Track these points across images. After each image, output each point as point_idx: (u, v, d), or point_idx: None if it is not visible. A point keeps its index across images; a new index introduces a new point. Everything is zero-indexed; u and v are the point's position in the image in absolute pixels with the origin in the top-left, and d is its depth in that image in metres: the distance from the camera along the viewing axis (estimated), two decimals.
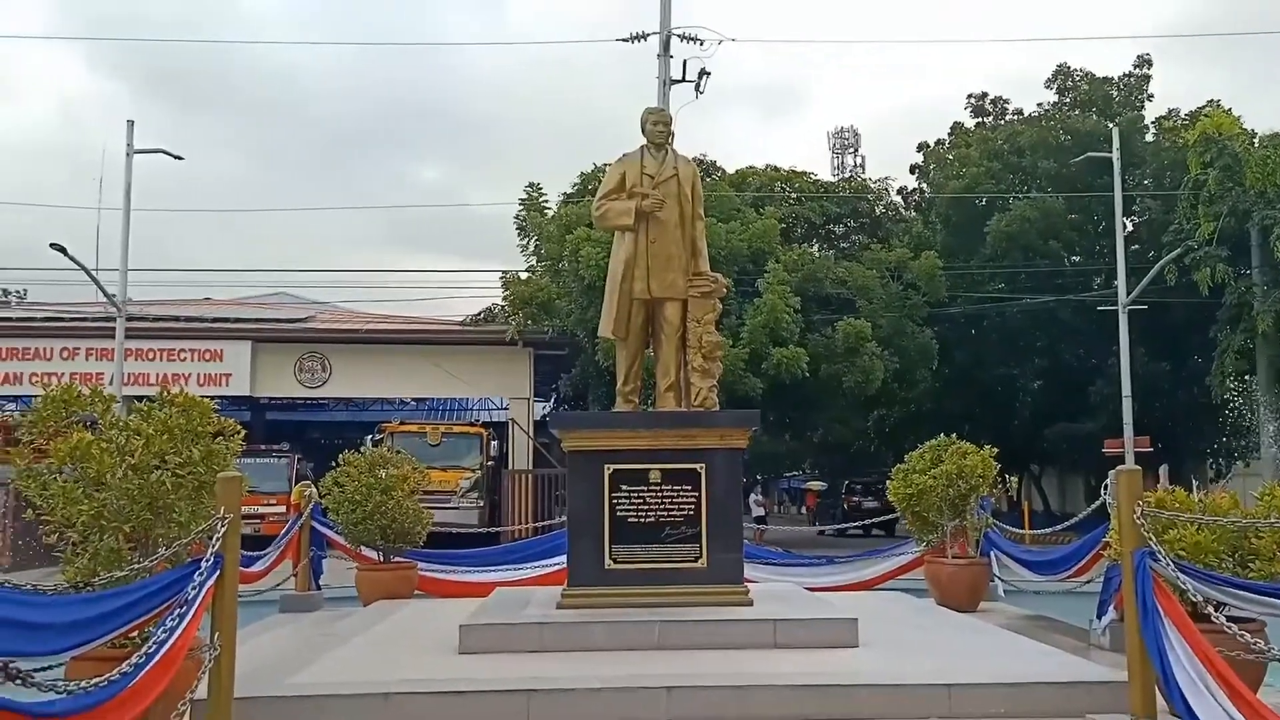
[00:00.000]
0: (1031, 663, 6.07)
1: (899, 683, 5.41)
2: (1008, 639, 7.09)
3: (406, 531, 9.91)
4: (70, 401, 5.36)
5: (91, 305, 26.47)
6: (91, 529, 5.09)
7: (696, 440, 7.18)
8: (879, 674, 5.58)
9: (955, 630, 7.41)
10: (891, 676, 5.52)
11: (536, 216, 24.45)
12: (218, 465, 5.39)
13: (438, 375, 25.11)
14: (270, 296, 33.99)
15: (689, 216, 7.80)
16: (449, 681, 5.55)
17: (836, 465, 39.45)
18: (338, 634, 7.64)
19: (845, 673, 5.57)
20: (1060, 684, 5.43)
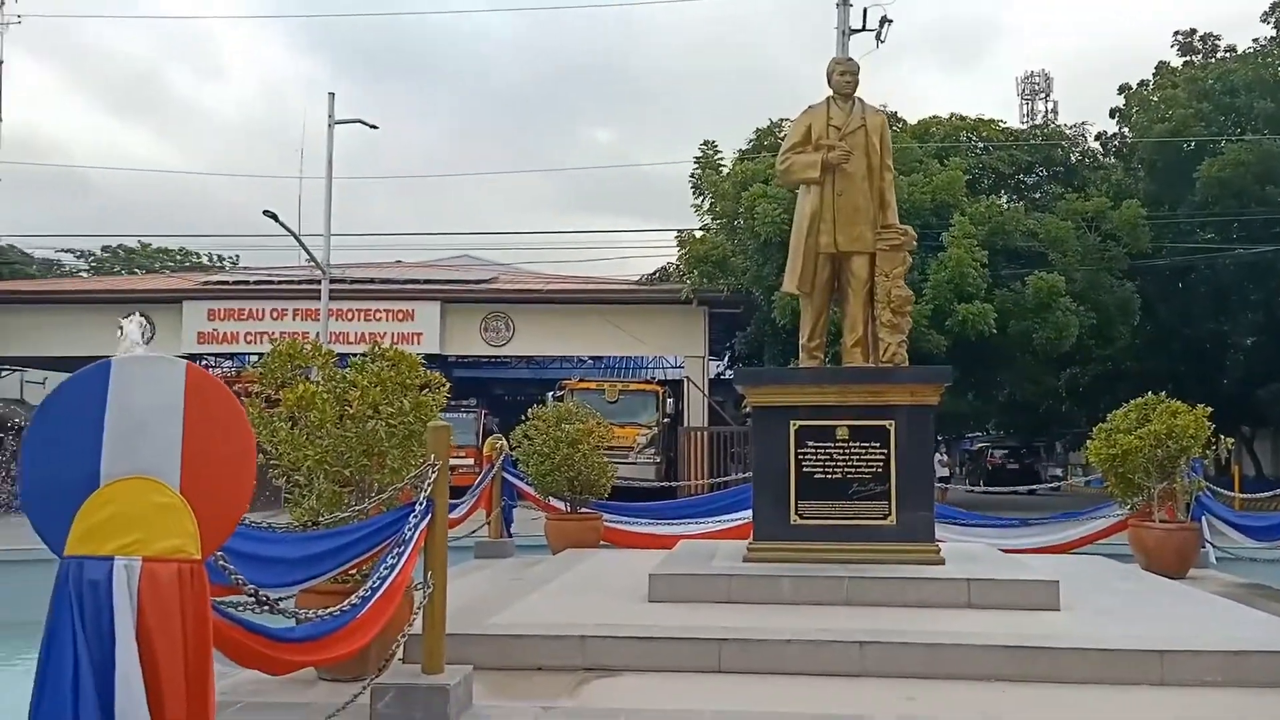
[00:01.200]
0: (1251, 630, 5.72)
1: (1106, 647, 5.19)
2: (1223, 605, 6.70)
3: (592, 483, 10.21)
4: (295, 356, 5.77)
5: (297, 269, 28.25)
6: (315, 473, 5.50)
7: (886, 396, 7.05)
8: (1084, 637, 5.38)
9: (1164, 595, 7.05)
10: (1097, 640, 5.31)
11: (711, 174, 24.34)
12: (425, 415, 5.69)
13: (614, 334, 25.54)
14: (456, 259, 35.37)
15: (877, 168, 7.61)
16: (641, 627, 5.71)
17: (1023, 425, 37.90)
18: (530, 579, 7.97)
19: (1047, 635, 5.40)
20: None
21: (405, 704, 4.51)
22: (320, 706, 4.36)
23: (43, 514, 2.76)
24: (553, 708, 4.76)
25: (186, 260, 46.78)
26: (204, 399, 2.84)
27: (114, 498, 2.73)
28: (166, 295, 26.87)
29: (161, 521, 2.74)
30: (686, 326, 25.34)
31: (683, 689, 5.04)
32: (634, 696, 4.89)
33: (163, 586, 2.70)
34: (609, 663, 5.38)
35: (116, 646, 2.63)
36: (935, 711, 4.58)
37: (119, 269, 45.34)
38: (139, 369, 2.86)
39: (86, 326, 25.72)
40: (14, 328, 26.15)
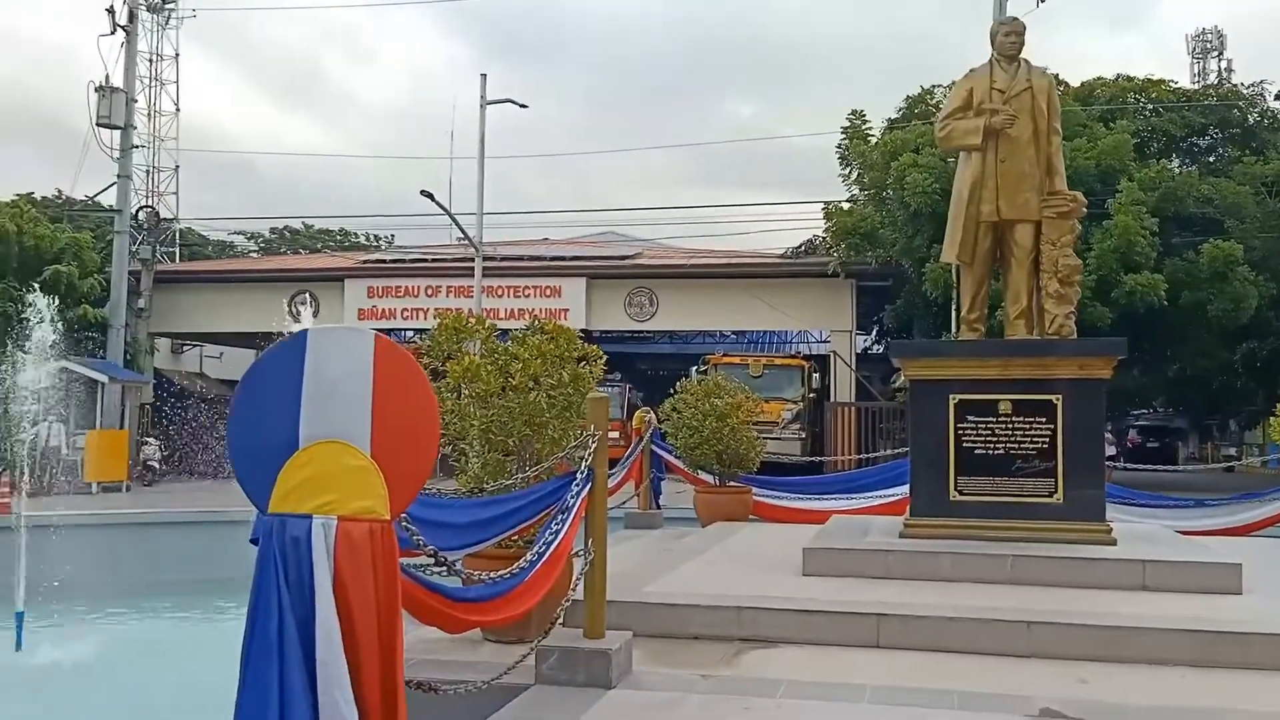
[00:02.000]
0: None
1: None
2: None
3: (741, 457, 10.21)
4: (460, 329, 5.98)
5: (449, 247, 29.16)
6: (480, 442, 5.69)
7: (1052, 370, 6.79)
8: (1272, 621, 5.07)
9: None
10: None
11: (859, 144, 23.79)
12: (583, 387, 5.82)
13: (758, 308, 25.36)
14: (601, 235, 35.77)
15: (1044, 132, 7.31)
16: (797, 600, 5.70)
17: (1193, 402, 35.80)
18: (682, 551, 8.05)
19: (1233, 620, 5.12)
20: None
21: (568, 666, 4.64)
22: (488, 665, 4.52)
23: (248, 474, 2.95)
24: (711, 676, 4.81)
25: (346, 240, 48.90)
26: (392, 367, 2.98)
27: (311, 460, 2.90)
28: (329, 274, 28.17)
29: (354, 483, 2.89)
30: (833, 300, 24.96)
31: (841, 662, 5.01)
32: (792, 668, 4.90)
33: (356, 544, 2.86)
34: (765, 634, 5.40)
35: (316, 599, 2.80)
36: (1111, 695, 4.41)
37: (285, 249, 47.74)
38: (332, 339, 3.01)
39: (257, 303, 27.26)
40: (192, 305, 27.93)
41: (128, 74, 25.11)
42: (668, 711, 4.29)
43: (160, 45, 28.36)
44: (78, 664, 8.42)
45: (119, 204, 25.07)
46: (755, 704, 4.34)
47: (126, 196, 25.30)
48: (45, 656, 8.50)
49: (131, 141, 25.41)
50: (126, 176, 25.24)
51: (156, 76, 28.28)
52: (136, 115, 26.01)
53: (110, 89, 24.17)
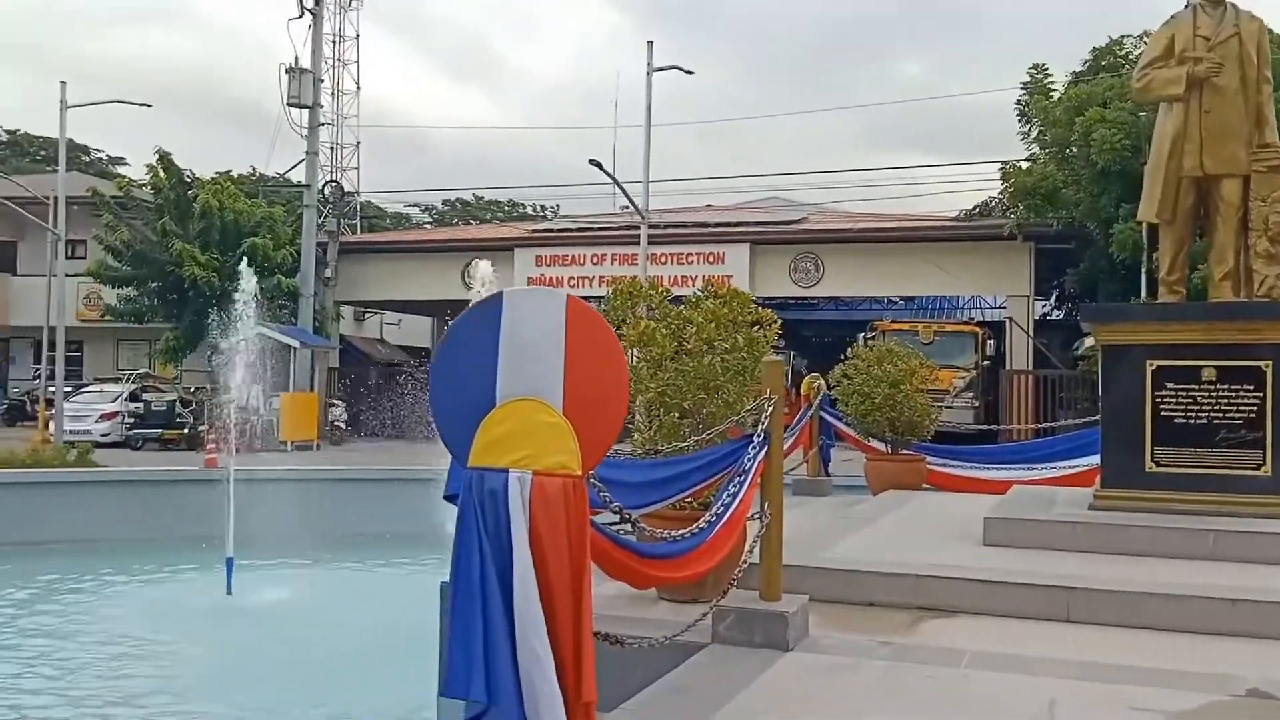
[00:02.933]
0: None
1: None
2: None
3: (914, 424, 9.98)
4: (635, 294, 6.06)
5: (613, 215, 29.53)
6: (655, 405, 5.78)
7: (1262, 334, 6.33)
8: None
9: None
10: None
11: (1041, 100, 22.64)
12: (757, 351, 5.81)
13: (929, 273, 24.61)
14: (764, 201, 35.44)
15: (1253, 81, 6.78)
16: (979, 570, 5.55)
17: None
18: (854, 518, 7.96)
19: None
20: None
21: (745, 627, 4.68)
22: (665, 623, 4.60)
23: (449, 429, 3.10)
24: (890, 642, 4.76)
25: (514, 211, 50.26)
26: (583, 328, 3.06)
27: (508, 416, 3.01)
28: (499, 243, 29.04)
29: (548, 439, 2.99)
30: (1010, 264, 23.96)
31: (1027, 635, 4.86)
32: (975, 638, 4.78)
33: (550, 497, 2.96)
34: (946, 604, 5.29)
35: (513, 549, 2.93)
36: None
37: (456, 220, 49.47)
38: (526, 300, 3.12)
39: (432, 272, 28.41)
40: (372, 275, 29.33)
41: (314, 55, 26.44)
42: (849, 675, 4.27)
43: (342, 27, 29.75)
44: (281, 606, 9.09)
45: (308, 179, 26.51)
46: (939, 672, 4.27)
47: (314, 172, 26.73)
48: (252, 599, 9.20)
49: (318, 120, 26.77)
50: (314, 153, 26.65)
51: (339, 57, 29.69)
52: (321, 95, 27.38)
53: (299, 70, 25.51)
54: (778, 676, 4.23)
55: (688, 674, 4.27)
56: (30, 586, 9.62)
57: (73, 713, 6.16)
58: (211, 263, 24.70)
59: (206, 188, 26.24)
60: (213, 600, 9.17)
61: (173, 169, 25.91)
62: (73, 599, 9.27)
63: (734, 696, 3.95)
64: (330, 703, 6.32)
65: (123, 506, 11.98)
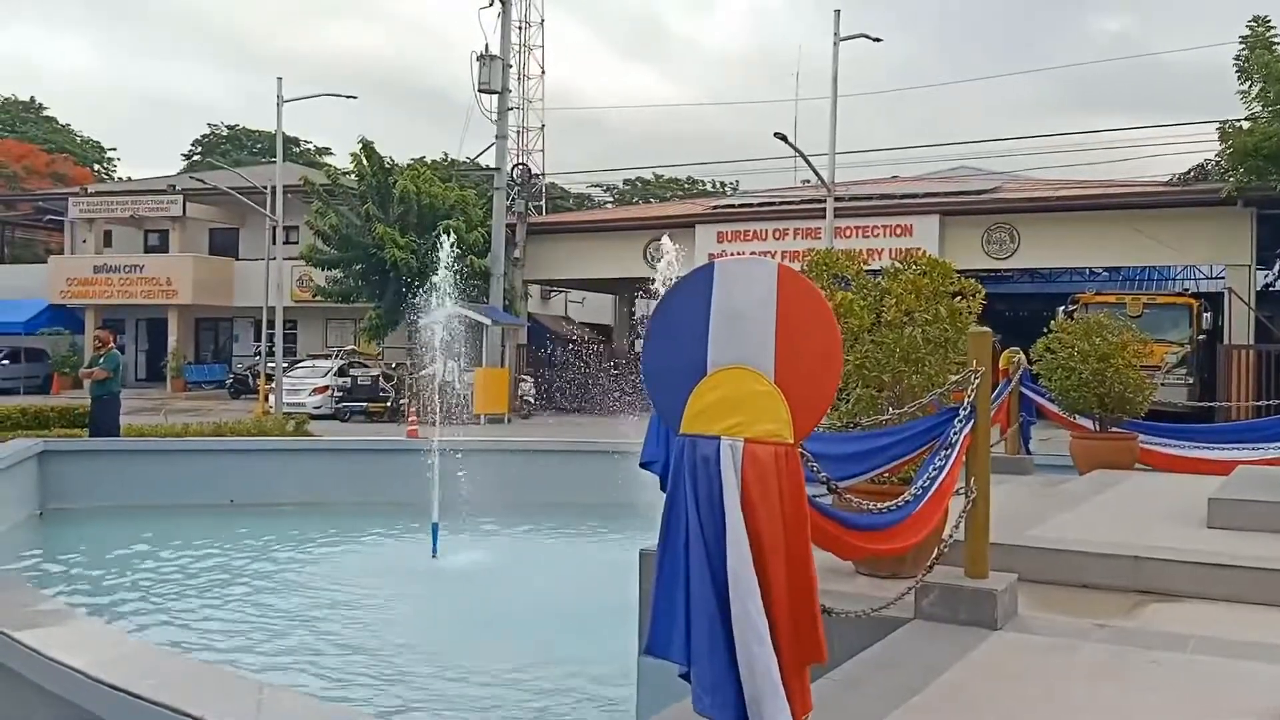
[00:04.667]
0: None
1: None
2: None
3: (1126, 400, 9.43)
4: (830, 264, 5.99)
5: (794, 189, 29.18)
6: (853, 378, 5.70)
7: None
8: None
9: None
10: None
11: (1263, 54, 20.82)
12: (961, 323, 5.63)
13: (1136, 241, 23.11)
14: (953, 170, 34.17)
15: None
16: (1204, 553, 5.22)
17: None
18: (1061, 497, 7.63)
19: None
20: None
21: (950, 603, 4.57)
22: (866, 598, 4.56)
23: (661, 396, 3.17)
24: (1107, 625, 4.55)
25: (694, 188, 50.44)
26: (795, 297, 3.05)
27: (720, 384, 3.05)
28: (680, 220, 29.21)
29: (760, 407, 3.01)
30: (1228, 231, 22.24)
31: (1257, 622, 4.55)
32: (1200, 624, 4.51)
33: (763, 465, 2.98)
34: (1168, 587, 5.01)
35: (726, 516, 2.97)
36: None
37: (636, 199, 50.09)
38: (737, 269, 3.14)
39: (615, 251, 28.91)
40: (556, 254, 30.12)
41: (504, 42, 27.28)
42: (1061, 656, 4.12)
43: (527, 12, 30.55)
44: (483, 568, 9.53)
45: (497, 163, 27.45)
46: (1162, 657, 4.05)
47: (504, 156, 27.65)
48: (457, 562, 9.69)
49: (507, 104, 27.64)
50: (504, 137, 27.56)
51: (525, 43, 30.53)
52: (509, 80, 28.25)
53: (489, 57, 26.39)
54: (988, 654, 4.12)
55: (893, 647, 4.23)
56: (257, 542, 10.46)
57: (289, 660, 6.67)
58: (410, 245, 25.97)
59: (405, 174, 27.58)
60: (421, 562, 9.70)
61: (374, 157, 27.36)
62: (291, 556, 10.02)
63: (942, 672, 3.88)
64: (531, 655, 6.60)
65: (337, 474, 12.83)
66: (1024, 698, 3.68)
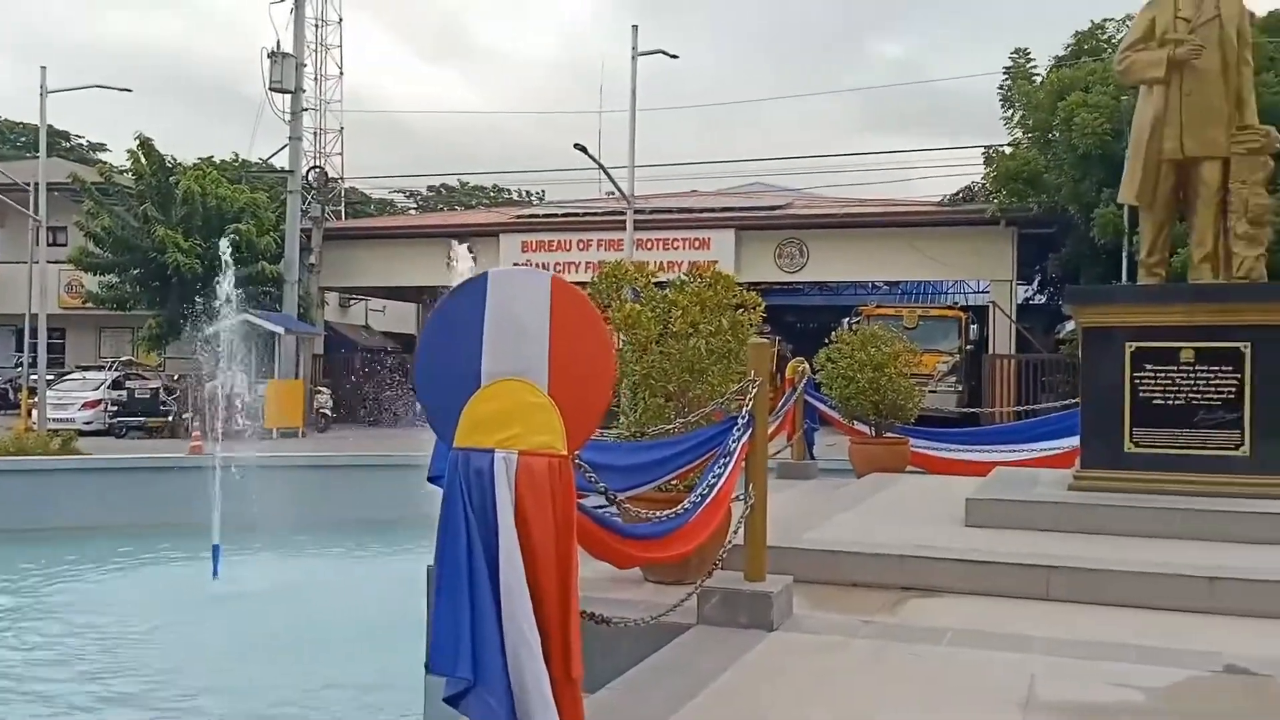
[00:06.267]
0: None
1: None
2: None
3: (899, 408, 10.04)
4: (620, 277, 6.08)
5: (598, 201, 29.49)
6: (640, 388, 5.80)
7: (1240, 316, 6.39)
8: None
9: None
10: None
11: (1023, 84, 22.70)
12: (743, 334, 5.84)
13: (914, 258, 24.67)
14: (750, 186, 35.45)
15: (1233, 63, 6.83)
16: (962, 550, 5.61)
17: None
18: (839, 500, 8.02)
19: None
20: None
21: (730, 607, 4.72)
22: (650, 604, 4.63)
23: (435, 409, 3.12)
24: (873, 621, 4.81)
25: (500, 196, 50.07)
26: (568, 308, 3.07)
27: (495, 396, 3.03)
28: (485, 229, 28.94)
29: (535, 419, 3.01)
30: (993, 249, 24.06)
31: (1009, 613, 4.92)
32: (958, 617, 4.84)
33: (537, 477, 2.97)
34: (929, 583, 5.35)
35: (499, 528, 2.95)
36: None
37: (441, 206, 49.27)
38: (511, 280, 3.13)
39: (418, 258, 28.30)
40: (356, 261, 29.21)
41: (297, 39, 26.25)
42: (833, 653, 4.32)
43: (324, 11, 29.53)
44: (267, 591, 9.10)
45: (291, 165, 26.35)
46: (922, 650, 4.32)
47: (298, 158, 26.57)
48: (239, 584, 9.22)
49: (301, 105, 26.60)
50: (297, 139, 26.48)
51: (322, 41, 29.49)
52: (304, 80, 27.20)
53: (282, 55, 25.32)
54: (763, 655, 4.27)
55: (673, 654, 4.31)
56: (18, 573, 9.60)
57: (67, 689, 6.18)
58: (194, 249, 24.55)
59: (189, 174, 26.05)
60: (200, 586, 9.17)
61: (154, 154, 25.71)
62: (60, 585, 9.27)
63: (719, 675, 4.00)
64: (312, 682, 6.35)
65: (109, 494, 11.97)
66: (794, 695, 3.83)
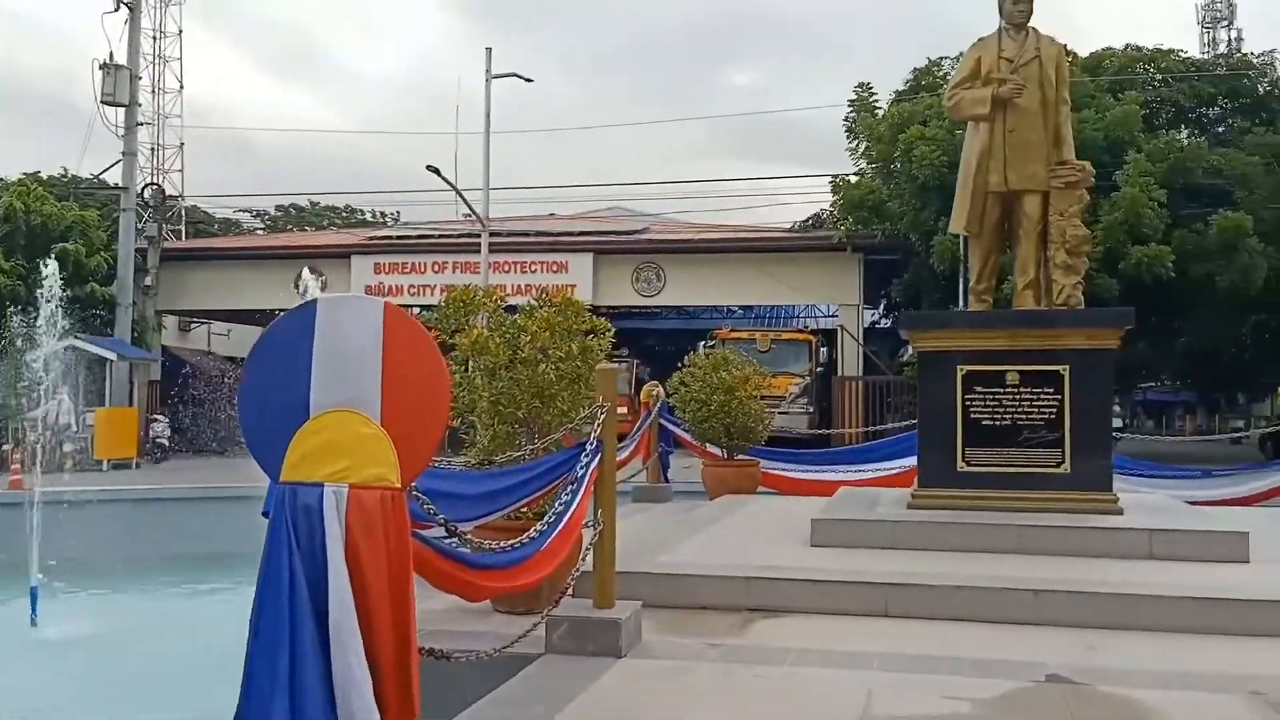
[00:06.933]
0: None
1: None
2: None
3: (749, 430, 10.23)
4: (468, 302, 5.99)
5: (455, 223, 29.12)
6: (489, 414, 5.72)
7: (1060, 340, 6.79)
8: (1277, 589, 5.09)
9: None
10: None
11: (867, 117, 23.67)
12: (592, 359, 5.83)
13: (767, 282, 25.30)
14: (608, 210, 35.69)
15: (1053, 101, 7.28)
16: (806, 570, 5.73)
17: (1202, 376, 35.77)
18: (691, 523, 8.08)
19: (1237, 587, 5.14)
20: None
21: (579, 635, 4.68)
22: (498, 635, 4.55)
23: (260, 443, 2.97)
24: (720, 645, 4.85)
25: (352, 217, 48.84)
26: (401, 336, 2.99)
27: (324, 428, 2.92)
28: (336, 250, 28.16)
29: (366, 451, 2.91)
30: (841, 274, 24.89)
31: (849, 631, 5.05)
32: (801, 637, 4.93)
33: (368, 511, 2.88)
34: (774, 604, 5.43)
35: (329, 565, 2.83)
36: (1116, 661, 4.44)
37: (290, 226, 47.72)
38: (342, 308, 3.03)
39: (264, 281, 27.25)
40: (199, 283, 27.93)
41: (131, 51, 25.03)
42: (677, 679, 4.33)
43: (163, 22, 28.29)
44: (90, 637, 8.51)
45: (124, 182, 25.06)
46: (765, 671, 4.38)
47: (132, 174, 25.29)
48: (59, 629, 8.60)
49: (136, 119, 25.36)
50: (132, 154, 25.22)
51: (160, 53, 28.22)
52: (141, 93, 25.95)
53: (114, 66, 24.10)
54: (608, 684, 4.24)
55: (518, 686, 4.24)
56: None
57: None
58: (16, 270, 23.00)
59: (12, 190, 24.43)
60: (16, 631, 8.51)
61: None
62: None
63: (564, 706, 3.94)
64: None
65: None
66: None
